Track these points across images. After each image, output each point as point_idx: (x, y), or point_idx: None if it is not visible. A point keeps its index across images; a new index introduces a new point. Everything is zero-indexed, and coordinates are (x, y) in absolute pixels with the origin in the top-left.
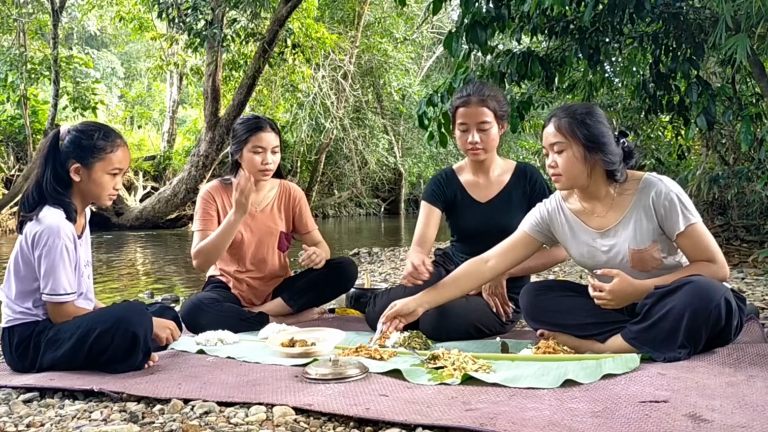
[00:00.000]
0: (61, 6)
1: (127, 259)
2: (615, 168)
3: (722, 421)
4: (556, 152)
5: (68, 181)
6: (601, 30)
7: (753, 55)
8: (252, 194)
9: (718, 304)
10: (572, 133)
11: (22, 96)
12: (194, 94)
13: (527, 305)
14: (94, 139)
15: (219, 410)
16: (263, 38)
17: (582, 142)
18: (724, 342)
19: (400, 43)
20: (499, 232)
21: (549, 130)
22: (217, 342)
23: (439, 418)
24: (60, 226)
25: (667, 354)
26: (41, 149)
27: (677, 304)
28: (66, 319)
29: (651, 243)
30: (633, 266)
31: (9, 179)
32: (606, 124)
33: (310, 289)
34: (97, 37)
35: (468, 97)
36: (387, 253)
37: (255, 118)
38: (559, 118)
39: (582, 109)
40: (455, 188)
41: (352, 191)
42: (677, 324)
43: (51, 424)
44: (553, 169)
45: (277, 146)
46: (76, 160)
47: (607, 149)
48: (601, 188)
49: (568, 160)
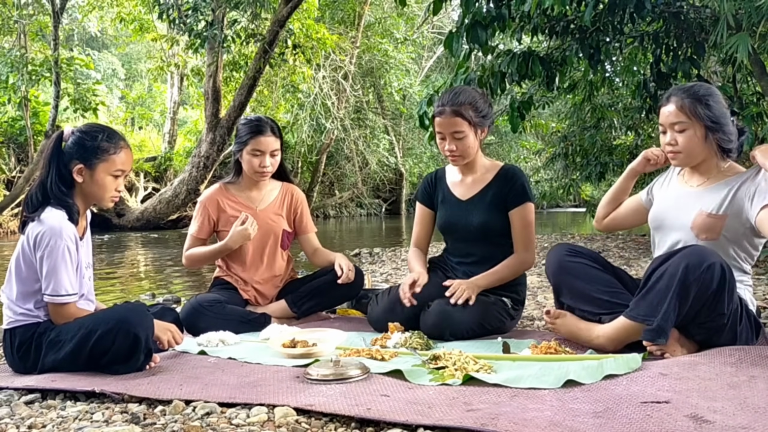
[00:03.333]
0: (62, 7)
1: (128, 260)
2: (731, 147)
3: (724, 422)
4: (677, 131)
5: (71, 182)
6: (601, 29)
7: (754, 54)
8: (253, 191)
9: (713, 264)
10: (695, 114)
11: (23, 97)
12: (195, 95)
13: (553, 263)
14: (97, 140)
15: (220, 411)
16: (264, 39)
17: (704, 123)
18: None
19: (401, 43)
20: (475, 229)
21: (669, 109)
22: (218, 343)
23: (441, 418)
24: (62, 227)
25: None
26: (45, 150)
27: (673, 264)
28: (67, 320)
29: (722, 214)
30: (692, 228)
31: (10, 180)
32: (724, 104)
33: (315, 295)
34: (97, 38)
35: (443, 107)
36: (388, 254)
37: (257, 120)
38: (680, 98)
39: (704, 90)
40: (440, 187)
41: (353, 192)
42: (670, 281)
43: (53, 426)
44: (672, 147)
45: (277, 149)
46: (80, 161)
47: (727, 128)
48: (710, 163)
49: (690, 140)
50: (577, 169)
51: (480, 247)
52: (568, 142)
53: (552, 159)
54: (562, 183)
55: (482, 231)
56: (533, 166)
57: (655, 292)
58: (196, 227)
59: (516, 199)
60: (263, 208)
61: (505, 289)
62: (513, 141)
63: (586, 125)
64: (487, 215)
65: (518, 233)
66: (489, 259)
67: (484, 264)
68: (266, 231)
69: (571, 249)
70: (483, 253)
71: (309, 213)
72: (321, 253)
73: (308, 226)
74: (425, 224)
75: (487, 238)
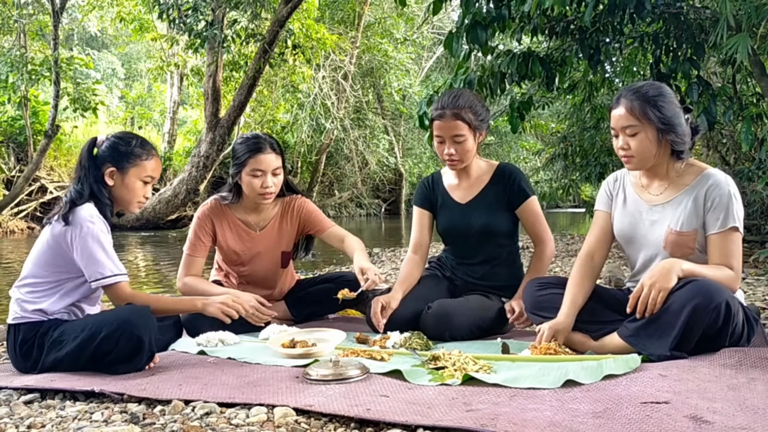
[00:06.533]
0: (62, 7)
1: (127, 260)
2: (683, 148)
3: (723, 422)
4: (628, 135)
5: (103, 185)
6: (601, 30)
7: (754, 55)
8: (252, 215)
9: (719, 304)
10: (645, 116)
11: (22, 97)
12: (195, 94)
13: (528, 300)
14: (131, 145)
15: (220, 411)
16: (263, 39)
17: (655, 125)
18: (716, 347)
19: (401, 43)
20: (477, 231)
21: (619, 112)
22: (217, 343)
23: (440, 418)
24: (93, 215)
25: (659, 351)
26: (80, 155)
27: (679, 300)
28: (129, 301)
29: (691, 230)
30: (665, 247)
31: (10, 180)
32: (676, 103)
33: (315, 302)
34: (97, 38)
35: (443, 110)
36: (387, 254)
37: (255, 138)
38: (630, 100)
39: (653, 91)
40: (439, 191)
41: (352, 192)
42: (675, 320)
43: (52, 425)
44: (624, 151)
45: (279, 167)
46: (112, 165)
47: (679, 130)
48: (665, 166)
49: (641, 143)
50: (577, 170)
51: (482, 248)
52: (567, 142)
53: (552, 159)
54: (561, 183)
55: (484, 233)
56: (533, 167)
57: (657, 326)
58: (191, 247)
59: (519, 197)
60: (262, 231)
61: (505, 290)
62: (513, 141)
63: (585, 126)
64: (487, 217)
65: (531, 227)
66: (491, 260)
67: (486, 265)
68: (264, 254)
69: (540, 283)
70: (485, 254)
71: (319, 213)
72: (347, 244)
73: (323, 225)
74: (424, 227)
75: (488, 240)
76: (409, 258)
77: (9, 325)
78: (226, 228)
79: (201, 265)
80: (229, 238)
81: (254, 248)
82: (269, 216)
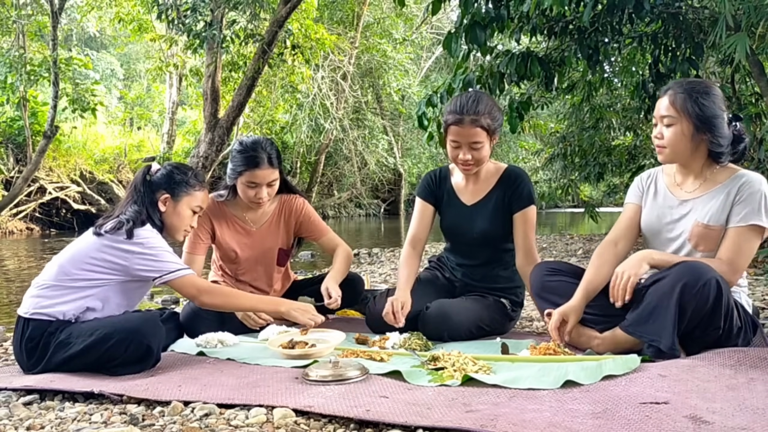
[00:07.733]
0: (61, 7)
1: None
2: (721, 151)
3: (722, 423)
4: (665, 125)
5: (155, 210)
6: (600, 30)
7: (752, 55)
8: (248, 212)
9: (708, 281)
10: (684, 110)
11: (21, 98)
12: (194, 95)
13: (535, 283)
14: (187, 175)
15: (219, 412)
16: (262, 39)
17: (692, 120)
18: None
19: (400, 43)
20: (478, 234)
21: (663, 102)
22: (217, 344)
23: (440, 419)
24: (147, 226)
25: (655, 336)
26: (135, 180)
27: (669, 282)
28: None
29: (719, 225)
30: (690, 239)
31: (8, 181)
32: (722, 106)
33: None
34: (96, 38)
35: (461, 117)
36: (387, 254)
37: (253, 150)
38: (675, 92)
39: (700, 87)
40: (445, 189)
41: (351, 192)
42: (668, 301)
43: (51, 427)
44: (659, 141)
45: (275, 179)
46: (167, 191)
47: (717, 131)
48: (700, 167)
49: (675, 135)
50: (576, 170)
51: (482, 251)
52: (566, 142)
53: (551, 159)
54: (560, 183)
55: (486, 237)
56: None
57: (656, 314)
58: (190, 245)
59: (521, 203)
60: (259, 228)
61: (504, 291)
62: (512, 141)
63: (584, 126)
64: (488, 223)
65: (523, 236)
66: (491, 263)
67: (485, 267)
68: (261, 252)
69: (551, 268)
70: (485, 256)
71: (317, 218)
72: (335, 256)
73: (319, 231)
74: (425, 220)
75: (488, 244)
76: (408, 254)
77: (19, 317)
78: (224, 225)
79: (201, 263)
80: (227, 236)
81: (252, 245)
82: (267, 213)
